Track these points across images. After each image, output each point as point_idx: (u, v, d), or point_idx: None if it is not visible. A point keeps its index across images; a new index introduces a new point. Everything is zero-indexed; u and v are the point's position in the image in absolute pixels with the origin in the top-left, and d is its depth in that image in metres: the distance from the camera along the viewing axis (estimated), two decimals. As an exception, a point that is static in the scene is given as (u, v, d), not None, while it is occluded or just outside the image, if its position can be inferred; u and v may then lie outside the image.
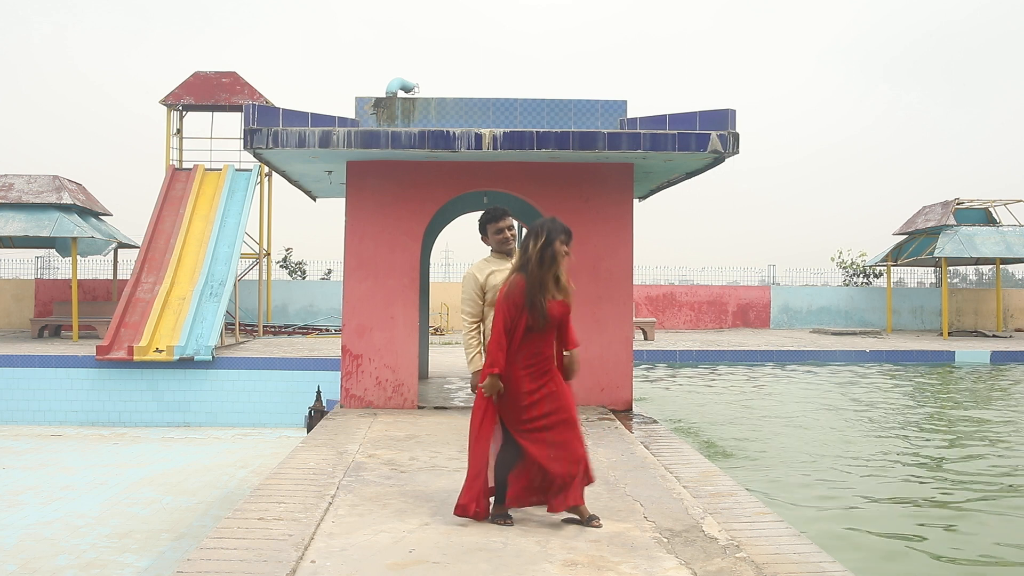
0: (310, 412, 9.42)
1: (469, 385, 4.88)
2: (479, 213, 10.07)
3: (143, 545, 7.05)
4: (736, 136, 7.30)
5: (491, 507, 4.31)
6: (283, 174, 8.80)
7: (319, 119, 7.39)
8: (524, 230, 10.77)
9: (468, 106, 7.92)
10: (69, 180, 18.41)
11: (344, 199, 8.09)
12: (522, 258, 4.29)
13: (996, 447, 9.70)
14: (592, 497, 4.53)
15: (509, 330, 4.21)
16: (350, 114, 7.77)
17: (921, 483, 8.10)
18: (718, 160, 7.55)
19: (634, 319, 10.49)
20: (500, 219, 4.90)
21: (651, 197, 9.59)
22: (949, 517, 6.96)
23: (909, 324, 25.90)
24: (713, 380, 15.42)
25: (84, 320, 17.99)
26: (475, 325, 4.85)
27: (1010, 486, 8.01)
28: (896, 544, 6.35)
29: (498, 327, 4.22)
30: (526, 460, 4.23)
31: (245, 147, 7.41)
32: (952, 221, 22.97)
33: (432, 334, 20.56)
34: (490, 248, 4.99)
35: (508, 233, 4.90)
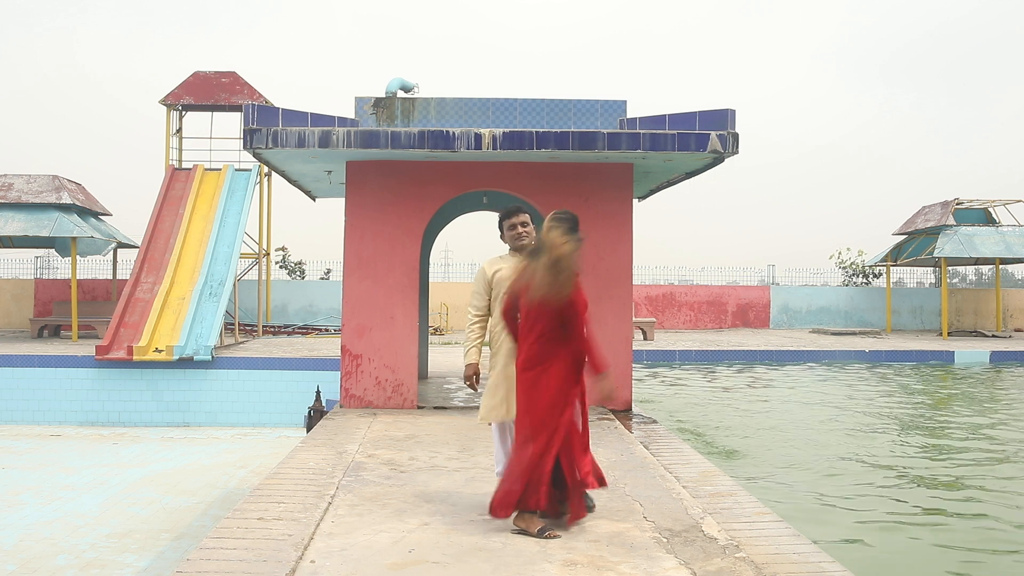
0: (310, 412, 9.43)
1: (463, 378, 4.91)
2: (479, 213, 10.16)
3: (143, 545, 7.05)
4: (736, 136, 7.29)
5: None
6: (283, 174, 8.80)
7: (319, 119, 7.39)
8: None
9: (468, 106, 7.92)
10: (69, 180, 18.40)
11: (344, 199, 8.09)
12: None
13: (995, 447, 9.70)
14: (593, 496, 4.52)
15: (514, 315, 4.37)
16: (350, 114, 7.78)
17: (922, 482, 8.10)
18: (718, 160, 7.55)
19: (633, 319, 10.50)
20: (513, 215, 4.83)
21: (651, 197, 9.59)
22: (950, 516, 6.96)
23: (909, 324, 25.91)
24: (713, 380, 15.42)
25: (84, 320, 17.99)
26: (478, 319, 4.86)
27: (999, 475, 8.02)
28: (895, 543, 6.35)
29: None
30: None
31: (245, 147, 7.41)
32: (951, 221, 22.98)
33: (432, 334, 20.55)
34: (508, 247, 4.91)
35: (521, 230, 4.81)
